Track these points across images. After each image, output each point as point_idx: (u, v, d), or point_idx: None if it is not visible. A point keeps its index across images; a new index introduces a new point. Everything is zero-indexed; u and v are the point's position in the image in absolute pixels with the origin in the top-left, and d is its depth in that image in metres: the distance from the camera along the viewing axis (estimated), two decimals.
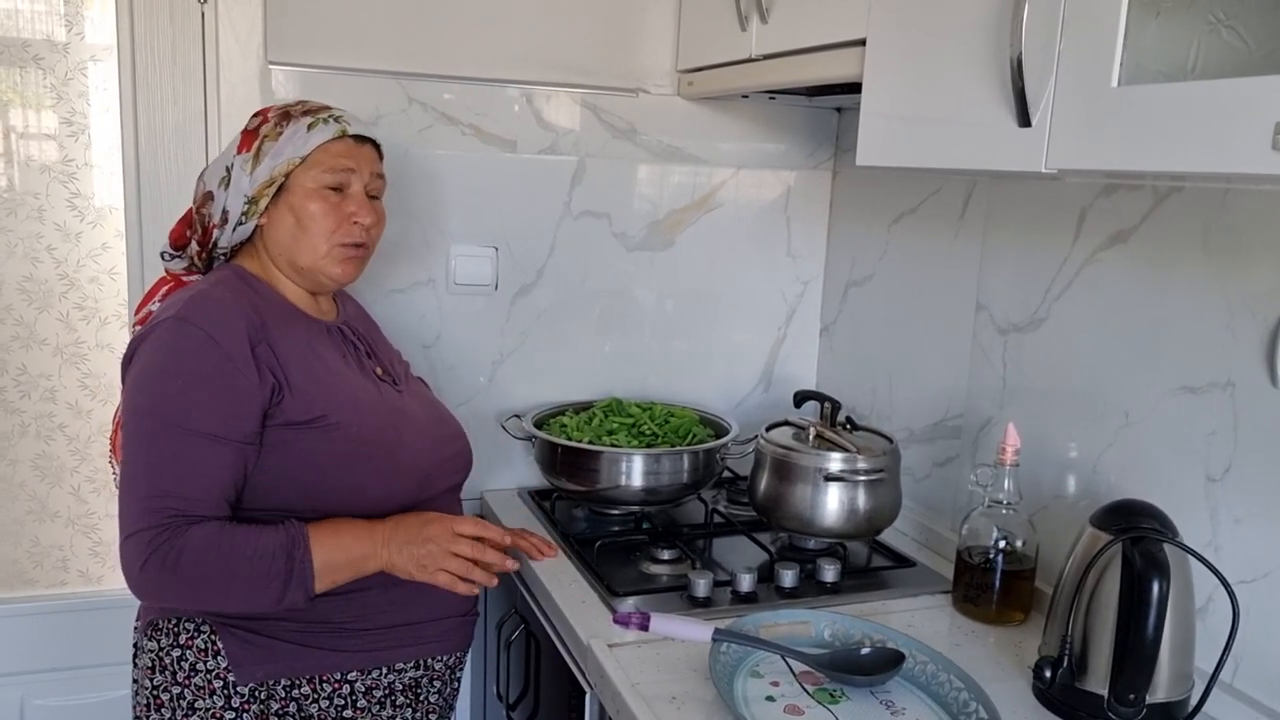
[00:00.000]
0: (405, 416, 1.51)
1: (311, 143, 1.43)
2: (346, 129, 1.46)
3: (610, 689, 1.34)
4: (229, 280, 1.43)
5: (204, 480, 1.30)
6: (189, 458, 1.29)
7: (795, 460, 1.71)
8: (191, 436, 1.29)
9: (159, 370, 1.31)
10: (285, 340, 1.39)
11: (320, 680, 1.42)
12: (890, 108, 1.40)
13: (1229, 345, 1.33)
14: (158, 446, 1.29)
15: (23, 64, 1.83)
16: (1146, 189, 1.45)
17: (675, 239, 2.18)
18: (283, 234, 1.45)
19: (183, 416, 1.29)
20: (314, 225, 1.44)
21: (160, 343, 1.32)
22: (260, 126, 1.45)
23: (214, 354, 1.31)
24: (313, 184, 1.43)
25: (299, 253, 1.45)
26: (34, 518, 2.00)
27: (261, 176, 1.42)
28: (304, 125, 1.44)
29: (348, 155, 1.46)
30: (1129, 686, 1.23)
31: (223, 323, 1.33)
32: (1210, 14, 1.04)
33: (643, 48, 2.07)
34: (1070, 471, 1.60)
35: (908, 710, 1.29)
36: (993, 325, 1.75)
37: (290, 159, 1.42)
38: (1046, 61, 1.09)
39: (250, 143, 1.44)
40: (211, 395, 1.30)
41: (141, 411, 1.31)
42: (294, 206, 1.43)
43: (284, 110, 1.47)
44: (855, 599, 1.63)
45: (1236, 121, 0.88)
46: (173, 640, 1.38)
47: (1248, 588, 1.30)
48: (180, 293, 1.43)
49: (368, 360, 1.55)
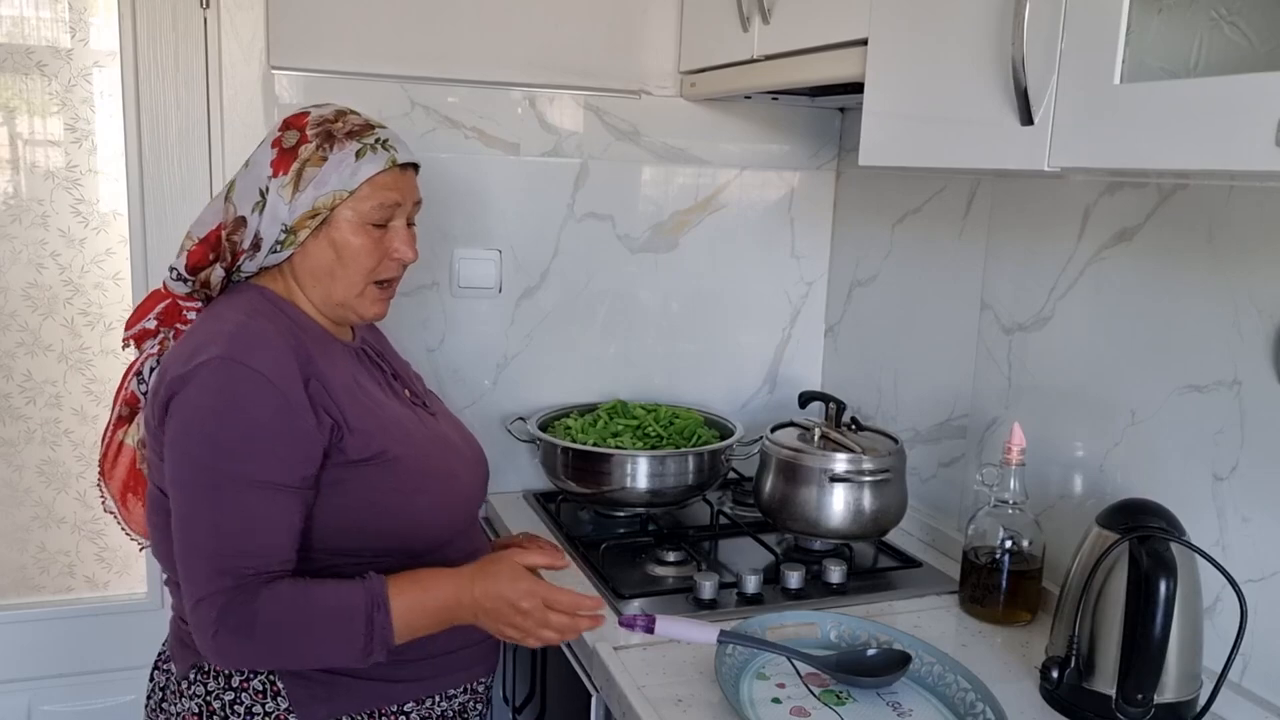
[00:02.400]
0: (449, 444, 1.45)
1: (361, 175, 1.30)
2: (395, 158, 1.33)
3: (616, 692, 1.34)
4: (261, 308, 1.32)
5: (272, 534, 1.22)
6: (256, 511, 1.21)
7: (801, 461, 1.71)
8: (256, 488, 1.20)
9: (213, 417, 1.21)
10: (332, 372, 1.31)
11: (380, 713, 1.34)
12: (892, 107, 1.40)
13: (1235, 343, 1.32)
14: (221, 502, 1.20)
15: (27, 70, 1.83)
16: (1150, 187, 1.44)
17: (679, 240, 2.18)
18: (319, 266, 1.33)
19: (245, 468, 1.20)
20: (354, 262, 1.33)
21: (209, 387, 1.21)
22: (299, 146, 1.31)
23: (271, 397, 1.21)
24: (357, 219, 1.32)
25: (334, 288, 1.34)
26: (40, 524, 2.00)
27: (303, 207, 1.30)
28: (351, 153, 1.30)
29: (395, 187, 1.34)
30: (1137, 686, 1.22)
31: (274, 361, 1.23)
32: (1212, 10, 1.04)
33: (645, 49, 2.07)
34: (1076, 471, 1.59)
35: (915, 711, 1.29)
36: (997, 324, 1.75)
37: (337, 192, 1.30)
38: (1048, 59, 1.09)
39: (288, 164, 1.30)
40: (273, 443, 1.21)
41: (199, 464, 1.21)
42: (335, 241, 1.32)
43: (324, 128, 1.32)
44: (861, 600, 1.62)
45: (1239, 118, 0.88)
46: (224, 684, 1.30)
47: (1255, 586, 1.29)
48: (210, 323, 1.30)
49: (395, 382, 1.47)
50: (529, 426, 1.98)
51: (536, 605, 1.27)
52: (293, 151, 1.31)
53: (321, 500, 1.27)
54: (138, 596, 2.07)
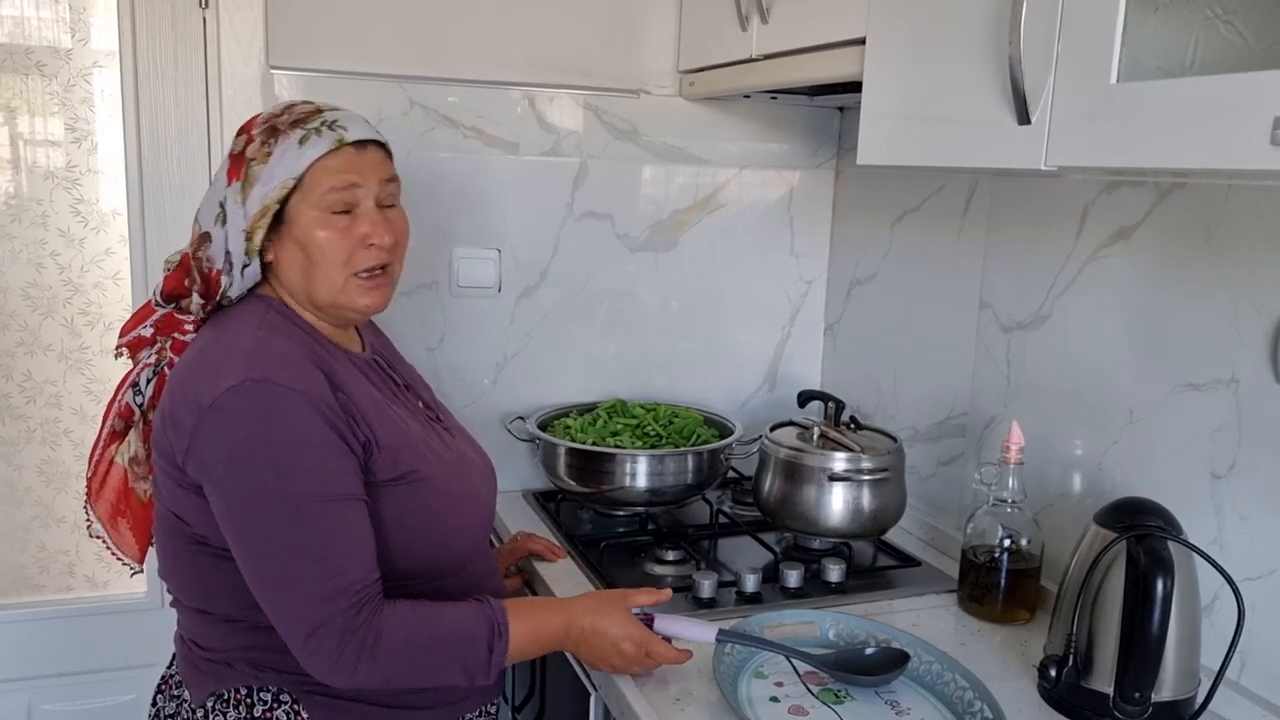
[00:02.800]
0: (468, 460, 1.42)
1: (305, 159, 1.23)
2: (344, 137, 1.25)
3: (614, 690, 1.34)
4: (273, 321, 1.26)
5: (362, 545, 1.18)
6: (340, 527, 1.17)
7: (800, 460, 1.71)
8: (332, 504, 1.17)
9: (263, 442, 1.15)
10: (354, 386, 1.26)
11: None
12: (890, 107, 1.40)
13: (1233, 342, 1.33)
14: (305, 525, 1.15)
15: (26, 71, 1.84)
16: (1148, 186, 1.44)
17: (678, 239, 2.18)
18: (294, 271, 1.27)
19: (319, 486, 1.16)
20: (324, 257, 1.25)
21: (247, 413, 1.15)
22: (246, 148, 1.25)
23: (311, 412, 1.17)
24: (315, 209, 1.24)
25: (315, 290, 1.27)
26: (40, 523, 2.01)
27: (254, 206, 1.23)
28: (295, 140, 1.23)
29: (350, 169, 1.25)
30: (1134, 685, 1.22)
31: (304, 375, 1.19)
32: (1208, 9, 1.04)
33: (644, 49, 2.07)
34: (1075, 469, 1.59)
35: (913, 710, 1.29)
36: (996, 323, 1.75)
37: (284, 181, 1.23)
38: (1045, 58, 1.09)
39: (239, 169, 1.25)
40: (331, 456, 1.18)
41: (267, 492, 1.15)
42: (298, 239, 1.25)
43: (269, 124, 1.26)
44: (860, 599, 1.62)
45: (1236, 117, 0.88)
46: (246, 711, 1.26)
47: (1253, 585, 1.29)
48: (225, 339, 1.25)
49: (407, 394, 1.42)
50: (528, 426, 1.99)
51: (639, 654, 1.30)
52: (241, 155, 1.26)
53: None
54: (138, 596, 2.07)
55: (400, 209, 1.35)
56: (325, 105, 1.30)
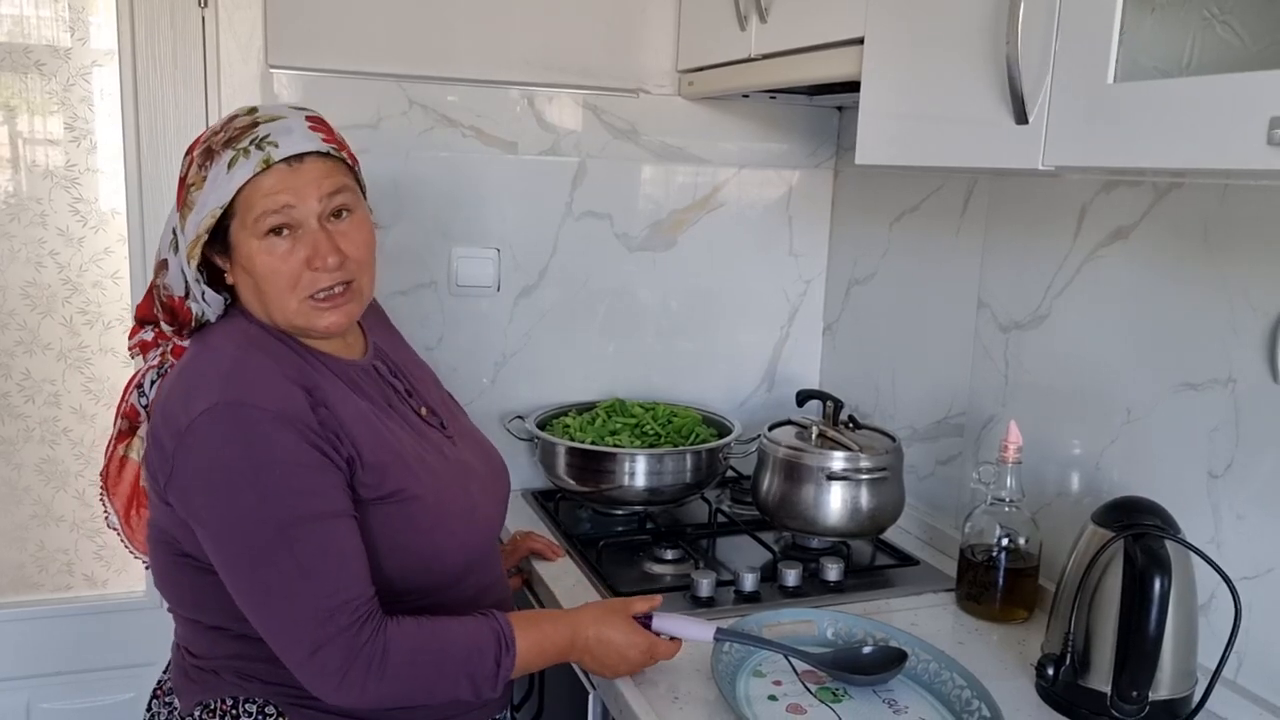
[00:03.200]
0: (468, 470, 1.37)
1: (233, 184, 1.17)
2: (271, 155, 1.17)
3: (612, 689, 1.34)
4: (255, 337, 1.23)
5: (355, 560, 1.16)
6: (333, 544, 1.15)
7: (798, 459, 1.71)
8: (318, 522, 1.14)
9: (244, 467, 1.12)
10: (343, 402, 1.22)
11: None
12: (889, 106, 1.40)
13: (1230, 341, 1.33)
14: (297, 546, 1.12)
15: (25, 70, 1.84)
16: (1146, 185, 1.45)
17: (677, 239, 2.18)
18: (250, 296, 1.24)
19: (304, 504, 1.13)
20: (269, 284, 1.20)
21: (221, 437, 1.13)
22: (187, 172, 1.21)
23: (288, 432, 1.13)
24: (252, 236, 1.19)
25: (272, 314, 1.23)
26: (39, 522, 2.01)
27: (190, 234, 1.20)
28: (224, 163, 1.17)
29: (281, 188, 1.18)
30: (1132, 683, 1.23)
31: (280, 395, 1.15)
32: (1205, 9, 1.04)
33: (643, 48, 2.07)
34: (1073, 468, 1.60)
35: (911, 709, 1.29)
36: (994, 323, 1.75)
37: (213, 210, 1.18)
38: (1043, 58, 1.09)
39: (181, 195, 1.22)
40: (313, 473, 1.15)
41: (253, 518, 1.12)
42: (244, 266, 1.21)
43: (207, 145, 1.20)
44: (858, 598, 1.63)
45: (1232, 117, 0.88)
46: None
47: (1250, 584, 1.30)
48: (203, 357, 1.22)
49: (410, 399, 1.38)
50: (527, 425, 1.99)
51: (644, 659, 1.31)
52: (183, 181, 1.22)
53: None
54: (136, 595, 2.07)
55: (359, 217, 1.26)
56: (265, 116, 1.21)
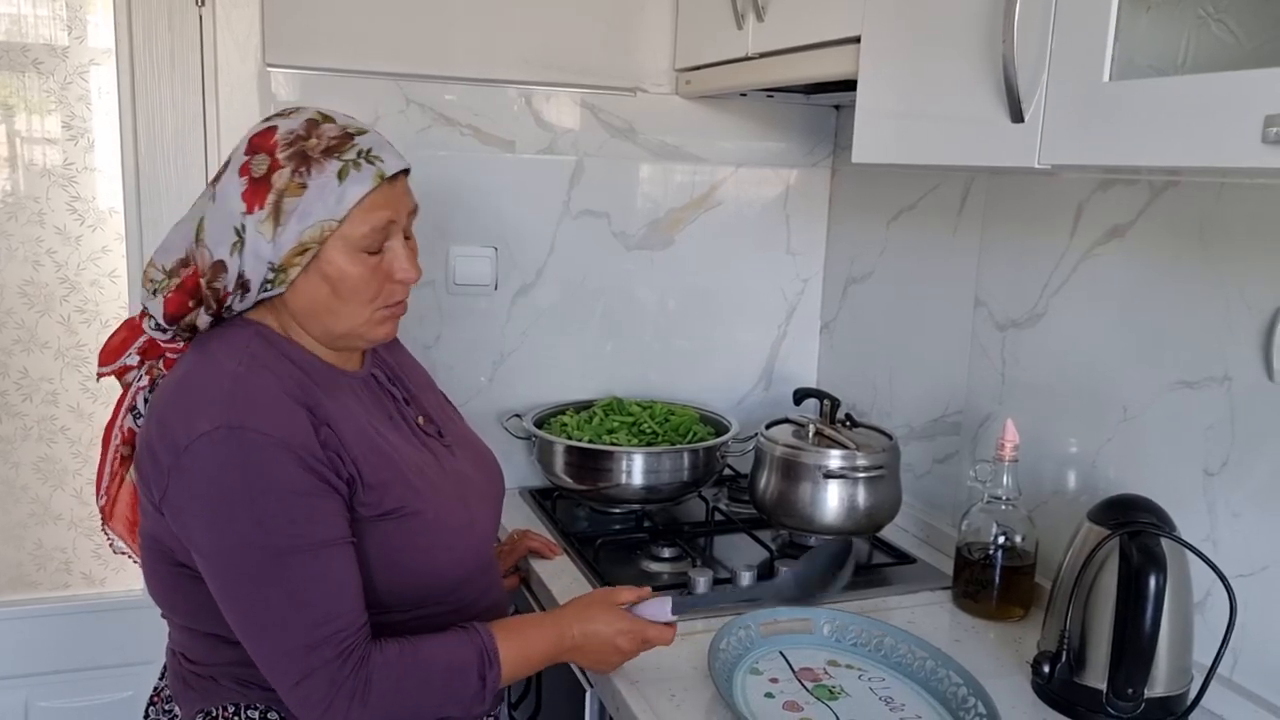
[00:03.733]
0: (466, 480, 1.37)
1: (348, 201, 1.16)
2: (384, 171, 1.19)
3: (609, 687, 1.34)
4: (258, 352, 1.20)
5: (347, 590, 1.15)
6: (324, 573, 1.14)
7: (795, 458, 1.72)
8: (317, 550, 1.13)
9: (241, 493, 1.11)
10: (344, 418, 1.21)
11: None
12: (885, 105, 1.40)
13: (1226, 339, 1.33)
14: (291, 574, 1.12)
15: (23, 68, 1.84)
16: (1142, 184, 1.45)
17: (675, 237, 2.18)
18: (314, 304, 1.21)
19: (300, 532, 1.13)
20: (354, 295, 1.21)
21: (220, 462, 1.11)
22: (271, 175, 1.16)
23: (290, 458, 1.12)
24: (350, 247, 1.19)
25: (335, 322, 1.23)
26: (36, 520, 2.01)
27: (288, 243, 1.16)
28: (333, 174, 1.16)
29: (386, 204, 1.20)
30: (1127, 681, 1.23)
31: (283, 419, 1.14)
32: (1200, 8, 1.04)
33: (640, 47, 2.07)
34: (1069, 466, 1.60)
35: (908, 706, 1.29)
36: (991, 321, 1.76)
37: (324, 224, 1.16)
38: (1038, 57, 1.09)
39: (262, 197, 1.16)
40: (312, 502, 1.14)
41: (251, 544, 1.12)
42: (328, 276, 1.19)
43: (297, 148, 1.17)
44: (855, 596, 1.62)
45: (1227, 115, 0.88)
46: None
47: (1245, 581, 1.30)
48: (204, 369, 1.20)
49: (407, 409, 1.37)
50: (525, 423, 1.99)
51: (636, 644, 1.30)
52: (265, 181, 1.16)
53: None
54: (134, 593, 2.07)
55: (413, 234, 1.30)
56: (349, 124, 1.22)
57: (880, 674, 1.37)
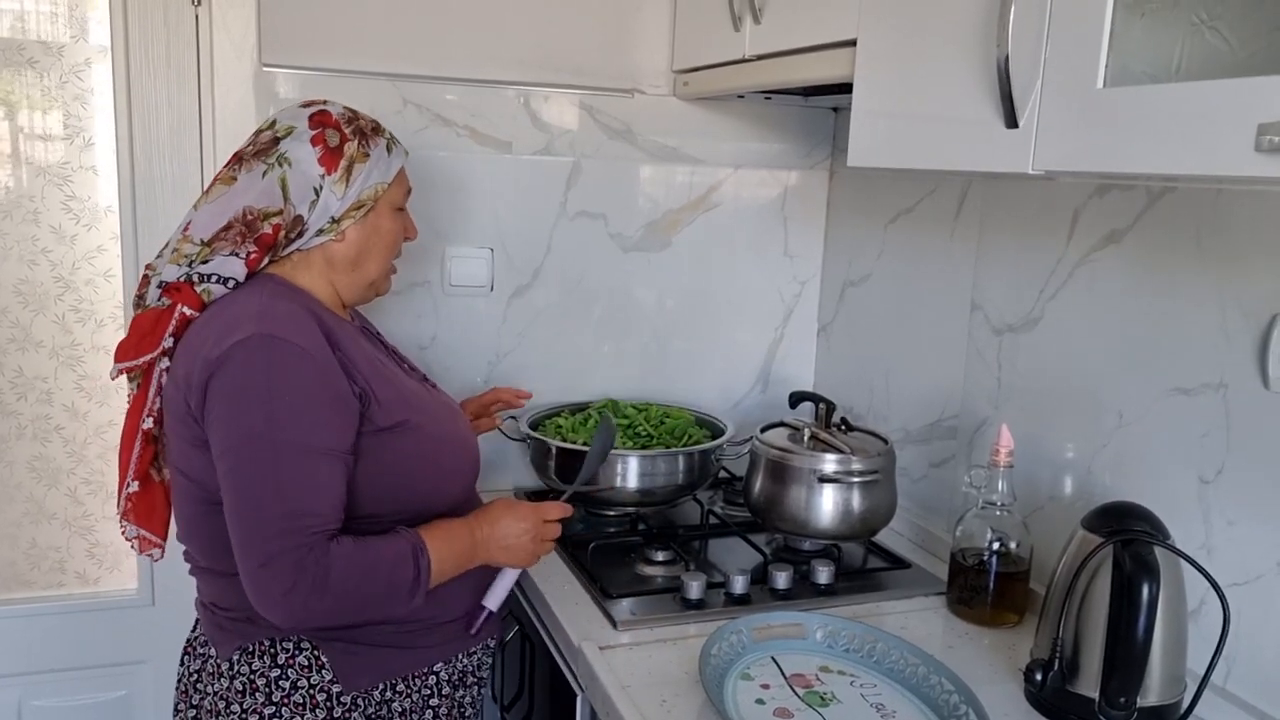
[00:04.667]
0: (454, 411, 1.56)
1: (394, 167, 1.47)
2: (408, 151, 1.52)
3: (600, 691, 1.34)
4: (277, 291, 1.39)
5: (329, 495, 1.28)
6: (312, 475, 1.27)
7: (790, 462, 1.71)
8: (313, 454, 1.27)
9: (263, 390, 1.27)
10: (352, 346, 1.39)
11: (413, 676, 1.45)
12: (881, 108, 1.40)
13: (1221, 347, 1.32)
14: (281, 466, 1.26)
15: (19, 66, 1.83)
16: (1139, 190, 1.44)
17: (672, 239, 2.18)
18: (358, 251, 1.46)
19: (300, 434, 1.27)
20: (387, 245, 1.49)
21: (252, 363, 1.27)
22: (343, 145, 1.41)
23: (310, 367, 1.29)
24: (391, 207, 1.48)
25: (369, 268, 1.48)
26: (31, 519, 2.01)
27: (351, 198, 1.42)
28: (383, 148, 1.45)
29: (408, 176, 1.53)
30: (1120, 689, 1.23)
31: (308, 334, 1.31)
32: (1194, 15, 1.03)
33: (638, 48, 2.06)
34: (1065, 472, 1.59)
35: (898, 713, 1.29)
36: (988, 325, 1.75)
37: (379, 184, 1.44)
38: (1033, 63, 1.09)
39: (336, 162, 1.40)
40: (322, 411, 1.29)
41: (254, 434, 1.26)
42: (378, 227, 1.47)
43: (356, 125, 1.44)
44: (849, 601, 1.62)
45: (1220, 123, 0.87)
46: (270, 661, 1.36)
47: (1240, 590, 1.29)
48: (232, 308, 1.34)
49: (396, 355, 1.58)
50: (520, 425, 1.98)
51: (537, 523, 1.47)
52: (339, 150, 1.41)
53: (357, 469, 1.34)
54: (128, 593, 2.07)
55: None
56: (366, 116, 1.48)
57: (872, 680, 1.37)
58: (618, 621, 1.51)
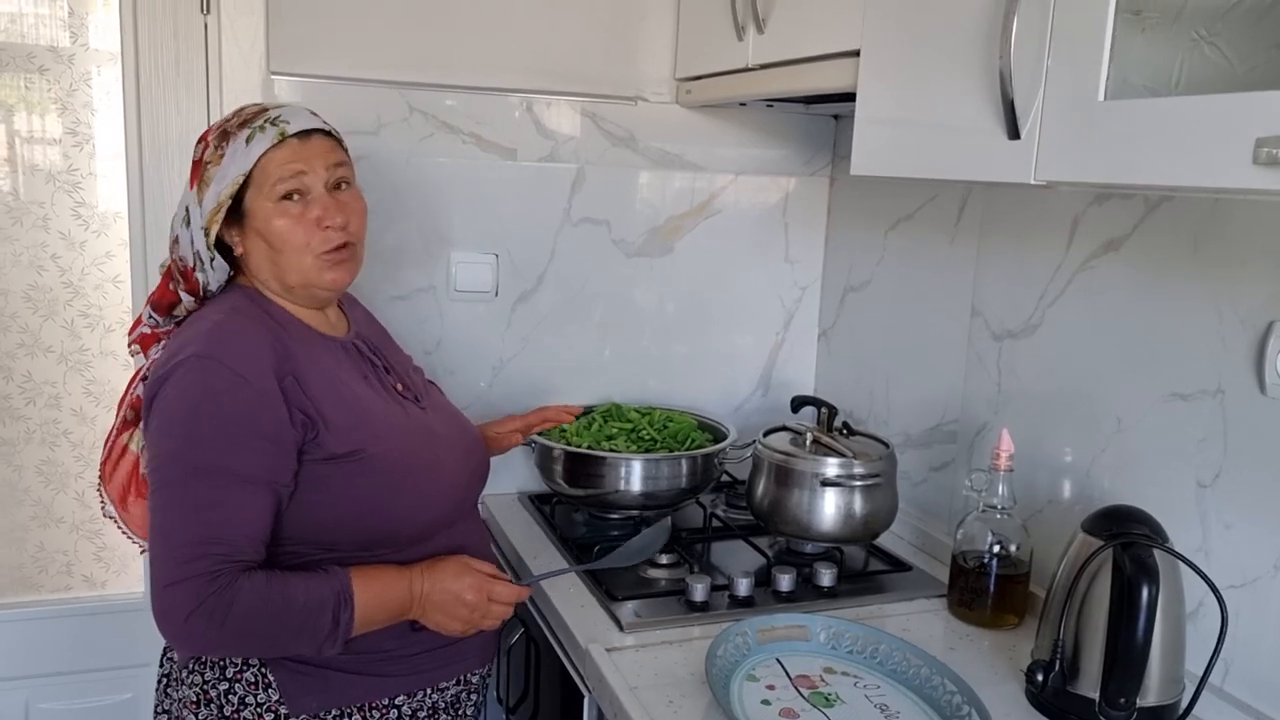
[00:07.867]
0: (435, 435, 1.47)
1: (252, 156, 1.33)
2: (285, 130, 1.34)
3: (608, 693, 1.36)
4: (243, 307, 1.36)
5: (245, 525, 1.25)
6: (229, 502, 1.24)
7: (792, 465, 1.73)
8: (229, 479, 1.24)
9: (189, 412, 1.25)
10: (312, 368, 1.34)
11: (370, 707, 1.38)
12: (883, 118, 1.42)
13: (1219, 353, 1.35)
14: (196, 491, 1.23)
15: (27, 73, 1.85)
16: (1138, 198, 1.46)
17: (674, 245, 2.20)
18: (262, 260, 1.37)
19: (219, 459, 1.24)
20: (285, 243, 1.35)
21: (186, 383, 1.25)
22: (203, 155, 1.36)
23: (244, 392, 1.25)
24: (269, 200, 1.34)
25: (284, 273, 1.37)
26: (39, 523, 2.02)
27: (209, 205, 1.34)
28: (243, 140, 1.33)
29: (294, 158, 1.34)
30: (1119, 690, 1.24)
31: (249, 355, 1.27)
32: (1194, 30, 1.06)
33: (641, 56, 2.08)
34: (1064, 476, 1.61)
35: (902, 714, 1.31)
36: (988, 331, 1.77)
37: (234, 179, 1.33)
38: (1035, 74, 1.11)
39: (197, 174, 1.36)
40: (248, 437, 1.25)
41: (174, 456, 1.25)
42: (259, 230, 1.35)
43: (221, 129, 1.36)
44: (852, 603, 1.64)
45: (1219, 137, 0.89)
46: (219, 674, 1.34)
47: (1237, 592, 1.31)
48: (194, 324, 1.34)
49: (386, 376, 1.49)
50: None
51: (481, 599, 1.37)
52: (198, 161, 1.37)
53: (303, 497, 1.31)
54: (135, 596, 2.08)
55: (355, 190, 1.43)
56: (272, 105, 1.39)
57: (875, 681, 1.38)
58: (624, 624, 1.53)
